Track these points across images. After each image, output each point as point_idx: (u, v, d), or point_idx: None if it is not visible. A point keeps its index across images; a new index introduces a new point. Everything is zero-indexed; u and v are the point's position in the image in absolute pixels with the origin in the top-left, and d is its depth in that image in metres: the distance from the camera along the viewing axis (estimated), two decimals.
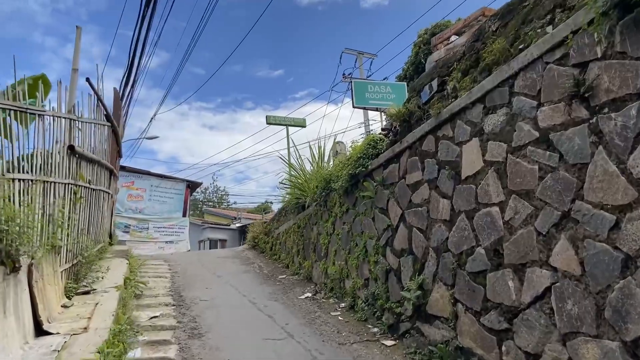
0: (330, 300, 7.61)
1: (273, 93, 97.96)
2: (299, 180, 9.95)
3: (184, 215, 18.43)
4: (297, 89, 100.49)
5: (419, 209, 5.54)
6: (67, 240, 6.06)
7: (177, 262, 10.90)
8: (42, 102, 6.50)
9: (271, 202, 71.20)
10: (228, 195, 72.79)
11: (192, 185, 19.33)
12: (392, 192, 6.19)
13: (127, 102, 11.83)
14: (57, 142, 6.04)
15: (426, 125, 5.49)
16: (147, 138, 38.29)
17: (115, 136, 9.57)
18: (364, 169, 6.86)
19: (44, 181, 5.44)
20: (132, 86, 15.46)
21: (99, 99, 7.81)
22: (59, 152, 5.99)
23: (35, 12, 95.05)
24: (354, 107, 28.12)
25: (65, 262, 6.03)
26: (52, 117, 5.81)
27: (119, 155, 10.85)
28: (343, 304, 7.25)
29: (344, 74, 32.99)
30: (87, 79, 7.16)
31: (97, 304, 5.79)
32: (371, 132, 28.64)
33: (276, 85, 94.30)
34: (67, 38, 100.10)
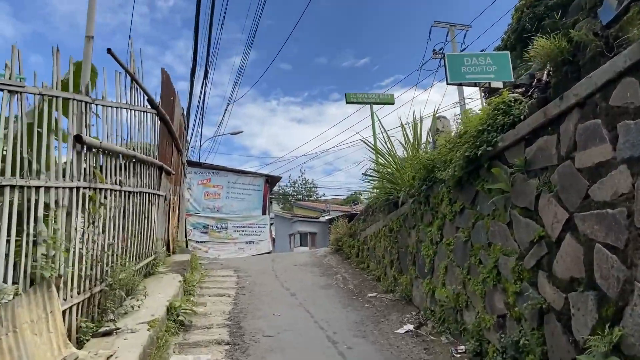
0: (442, 339, 5.36)
1: (359, 82, 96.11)
2: (389, 170, 7.75)
3: (264, 212, 17.01)
4: (383, 77, 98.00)
5: (609, 211, 3.12)
6: (77, 265, 4.47)
7: (248, 272, 9.24)
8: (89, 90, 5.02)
9: (359, 193, 69.49)
10: (317, 187, 72.28)
11: (271, 180, 17.84)
12: (547, 183, 3.79)
13: (202, 97, 10.46)
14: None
15: (619, 61, 3.03)
16: (231, 134, 37.98)
17: (167, 126, 8.06)
18: (489, 148, 4.50)
19: (22, 186, 3.82)
20: (205, 77, 14.12)
21: (133, 79, 6.22)
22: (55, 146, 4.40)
23: (135, 23, 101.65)
24: (448, 83, 25.02)
25: (76, 295, 4.44)
26: (41, 97, 4.20)
27: (177, 149, 9.40)
28: (462, 347, 4.98)
29: (434, 50, 29.88)
30: (109, 50, 5.53)
31: (110, 356, 4.12)
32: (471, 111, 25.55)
33: (362, 75, 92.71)
34: (166, 45, 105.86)
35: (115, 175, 5.64)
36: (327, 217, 55.14)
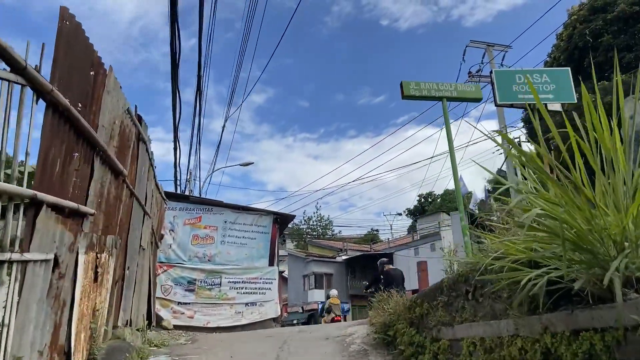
0: None
1: (375, 119, 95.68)
2: (546, 203, 3.39)
3: (271, 263, 12.76)
4: (399, 114, 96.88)
5: None
6: None
7: None
8: None
9: (377, 231, 65.17)
10: (332, 224, 67.99)
11: (281, 220, 13.59)
12: None
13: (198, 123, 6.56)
14: None
15: None
16: (241, 165, 34.26)
17: (69, 121, 4.03)
18: None
19: None
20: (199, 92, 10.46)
21: None
22: None
23: (158, 62, 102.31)
24: (497, 105, 20.82)
25: None
26: None
27: (112, 168, 5.28)
28: None
29: (469, 72, 25.77)
30: None
31: None
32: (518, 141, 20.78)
33: (378, 112, 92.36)
34: (186, 83, 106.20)
35: None
36: (344, 257, 50.64)
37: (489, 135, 4.88)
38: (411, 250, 43.07)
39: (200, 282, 11.97)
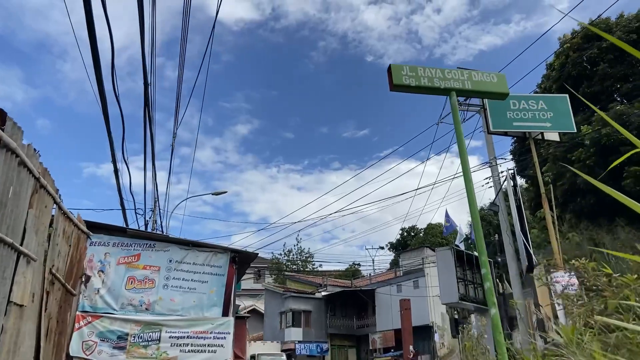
0: None
1: (359, 152, 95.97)
2: None
3: (226, 312, 10.36)
4: (382, 148, 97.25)
5: None
6: None
7: None
8: None
9: (358, 264, 62.68)
10: (313, 258, 65.23)
11: (240, 259, 11.25)
12: None
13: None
14: None
15: None
16: (213, 194, 31.98)
17: None
18: None
19: None
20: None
21: None
22: None
23: (141, 90, 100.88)
24: (489, 132, 19.13)
25: None
26: None
27: None
28: None
29: (457, 100, 24.31)
30: None
31: None
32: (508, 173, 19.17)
33: (362, 145, 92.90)
34: (171, 112, 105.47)
35: None
36: (324, 293, 47.93)
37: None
38: (393, 287, 40.80)
39: (134, 337, 9.54)
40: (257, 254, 12.36)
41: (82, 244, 8.43)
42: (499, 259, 29.89)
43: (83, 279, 9.68)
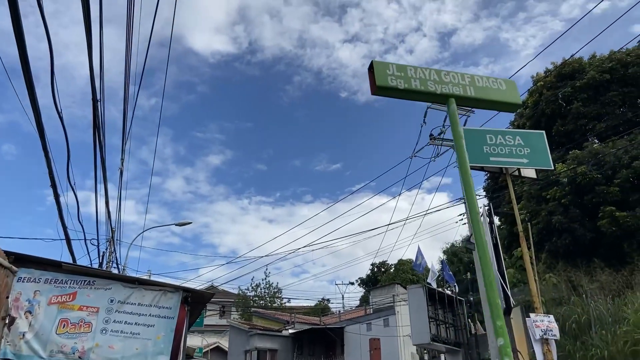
0: None
1: (331, 186, 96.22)
2: None
3: None
4: (355, 182, 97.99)
5: None
6: None
7: None
8: None
9: (328, 301, 61.01)
10: (281, 293, 63.09)
11: (194, 299, 9.95)
12: None
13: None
14: None
15: None
16: (176, 224, 30.38)
17: None
18: None
19: None
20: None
21: None
22: None
23: (115, 118, 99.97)
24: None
25: None
26: None
27: None
28: None
29: (431, 135, 24.03)
30: None
31: None
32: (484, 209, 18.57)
33: (334, 178, 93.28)
34: (143, 141, 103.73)
35: None
36: (291, 330, 45.95)
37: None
38: (363, 325, 39.39)
39: None
40: (213, 293, 11.10)
41: (3, 281, 7.12)
42: (472, 298, 29.15)
43: (6, 321, 8.28)
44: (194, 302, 9.92)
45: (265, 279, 62.13)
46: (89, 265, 11.54)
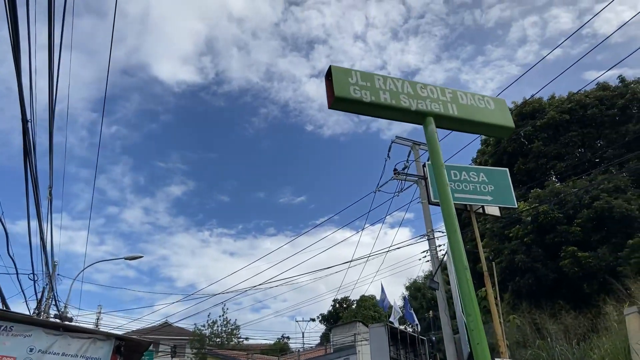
0: None
1: (295, 219, 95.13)
2: None
3: None
4: (319, 215, 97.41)
5: None
6: None
7: None
8: None
9: (288, 338, 58.80)
10: (239, 329, 60.41)
11: (128, 347, 8.73)
12: None
13: None
14: None
15: None
16: (126, 258, 28.62)
17: None
18: None
19: None
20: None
21: None
22: None
23: (73, 145, 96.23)
24: (430, 203, 18.29)
25: None
26: None
27: None
28: None
29: (395, 169, 23.76)
30: None
31: None
32: (449, 247, 17.84)
33: (298, 211, 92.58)
34: (101, 170, 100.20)
35: None
36: None
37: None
38: None
39: None
40: (151, 342, 9.90)
41: None
42: (433, 337, 28.45)
43: None
44: (129, 352, 8.71)
45: (223, 315, 59.52)
46: (6, 309, 10.10)
